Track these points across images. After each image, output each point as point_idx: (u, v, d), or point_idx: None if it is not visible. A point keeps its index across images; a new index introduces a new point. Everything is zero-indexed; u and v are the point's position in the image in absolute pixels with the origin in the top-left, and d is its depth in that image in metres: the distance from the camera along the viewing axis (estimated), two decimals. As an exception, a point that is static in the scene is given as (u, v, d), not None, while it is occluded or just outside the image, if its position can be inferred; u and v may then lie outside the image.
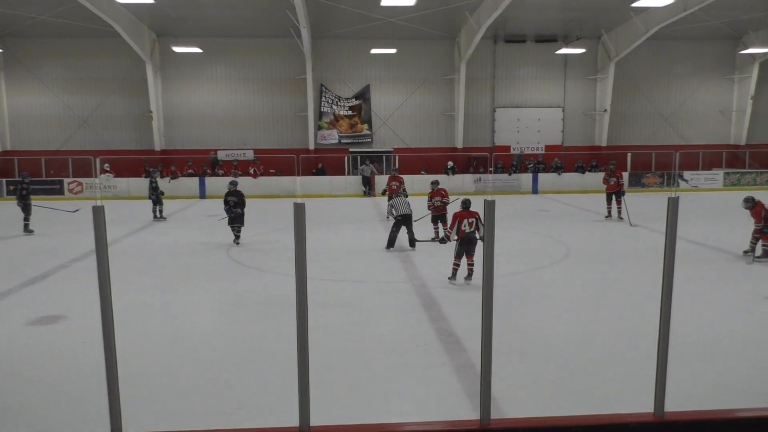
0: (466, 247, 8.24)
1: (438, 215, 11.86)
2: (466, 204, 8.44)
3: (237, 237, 11.79)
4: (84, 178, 21.36)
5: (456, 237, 8.27)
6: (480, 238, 8.22)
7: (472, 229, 8.17)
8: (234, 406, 4.62)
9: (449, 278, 8.40)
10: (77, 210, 14.02)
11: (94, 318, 7.24)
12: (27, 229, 13.05)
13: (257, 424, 4.22)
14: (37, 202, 13.76)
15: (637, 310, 7.04)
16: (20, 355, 5.82)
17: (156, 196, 15.25)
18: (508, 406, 4.54)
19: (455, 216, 8.30)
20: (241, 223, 11.77)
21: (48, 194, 20.79)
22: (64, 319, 6.91)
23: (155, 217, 15.39)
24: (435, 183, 12.35)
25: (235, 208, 11.59)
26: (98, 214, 2.51)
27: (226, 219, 11.79)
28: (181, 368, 5.44)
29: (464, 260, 8.32)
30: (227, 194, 11.72)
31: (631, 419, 2.71)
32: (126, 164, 22.51)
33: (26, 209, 13.09)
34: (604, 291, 8.18)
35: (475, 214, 8.24)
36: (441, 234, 11.33)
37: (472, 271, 8.29)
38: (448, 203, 11.85)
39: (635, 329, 6.34)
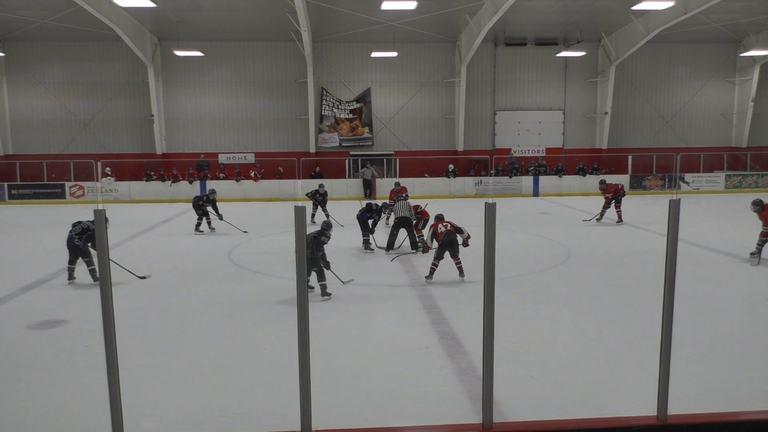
0: (447, 248, 8.53)
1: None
2: (439, 216, 9.29)
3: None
4: (85, 181, 21.38)
5: (436, 242, 8.64)
6: (462, 244, 8.66)
7: (449, 229, 8.55)
8: (236, 410, 4.61)
9: (426, 277, 8.64)
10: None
11: (94, 322, 7.20)
12: (198, 229, 13.73)
13: (259, 427, 4.22)
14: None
15: (639, 313, 7.04)
16: (21, 358, 5.81)
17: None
18: (510, 410, 4.53)
19: (431, 227, 8.92)
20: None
21: (49, 198, 20.85)
22: (64, 323, 6.91)
23: None
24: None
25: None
26: (99, 217, 2.52)
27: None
28: (182, 371, 5.43)
29: (453, 262, 8.62)
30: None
31: (635, 422, 2.70)
32: (127, 168, 22.55)
33: (201, 216, 13.75)
34: (605, 293, 8.16)
35: (449, 222, 8.74)
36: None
37: (462, 269, 8.57)
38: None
39: (637, 332, 6.33)
